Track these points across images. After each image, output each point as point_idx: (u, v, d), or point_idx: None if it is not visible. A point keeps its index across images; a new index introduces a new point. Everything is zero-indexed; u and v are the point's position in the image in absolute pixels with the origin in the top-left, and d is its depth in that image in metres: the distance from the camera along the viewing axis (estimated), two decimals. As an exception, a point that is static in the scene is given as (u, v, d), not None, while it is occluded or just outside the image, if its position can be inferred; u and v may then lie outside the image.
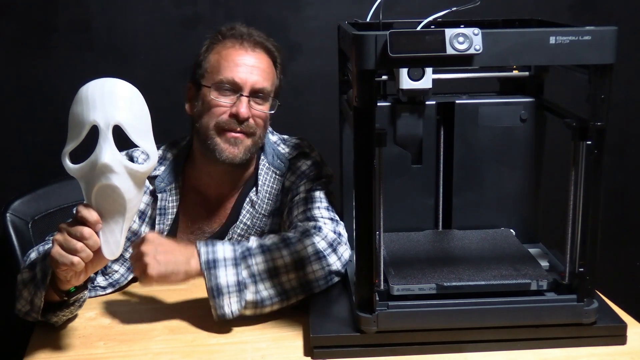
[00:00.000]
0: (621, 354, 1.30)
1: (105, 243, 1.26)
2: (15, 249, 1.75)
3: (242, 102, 1.57)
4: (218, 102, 1.57)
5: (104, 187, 1.23)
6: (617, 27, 1.19)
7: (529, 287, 1.32)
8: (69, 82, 2.28)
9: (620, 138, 2.47)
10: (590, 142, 1.25)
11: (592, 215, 1.28)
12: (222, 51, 1.60)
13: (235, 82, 1.57)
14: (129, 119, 1.23)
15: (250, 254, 1.40)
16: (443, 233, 1.59)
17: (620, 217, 2.54)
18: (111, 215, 1.26)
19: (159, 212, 1.61)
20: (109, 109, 1.21)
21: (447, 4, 1.34)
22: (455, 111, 1.54)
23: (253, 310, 1.39)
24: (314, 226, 1.49)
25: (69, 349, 1.36)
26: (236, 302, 1.36)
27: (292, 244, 1.43)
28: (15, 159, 2.28)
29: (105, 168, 1.21)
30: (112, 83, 1.25)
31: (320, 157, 1.69)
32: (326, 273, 1.44)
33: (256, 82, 1.58)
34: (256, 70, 1.59)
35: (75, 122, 1.24)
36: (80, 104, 1.23)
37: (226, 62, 1.58)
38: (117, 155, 1.22)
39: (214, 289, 1.36)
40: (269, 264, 1.40)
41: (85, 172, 1.24)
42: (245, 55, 1.59)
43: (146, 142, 1.27)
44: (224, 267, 1.38)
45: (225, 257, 1.39)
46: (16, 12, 2.18)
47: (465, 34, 1.15)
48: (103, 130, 1.21)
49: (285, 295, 1.41)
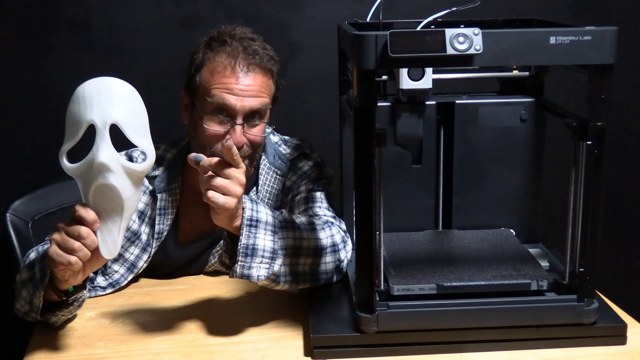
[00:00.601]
0: (621, 354, 1.30)
1: (103, 242, 1.26)
2: (15, 249, 1.75)
3: (236, 130, 1.51)
4: (212, 131, 1.52)
5: (102, 187, 1.23)
6: (618, 27, 1.19)
7: (529, 287, 1.32)
8: (68, 82, 2.26)
9: (620, 138, 2.47)
10: (590, 142, 1.25)
11: (592, 215, 1.28)
12: (214, 69, 1.53)
13: (227, 107, 1.51)
14: (126, 118, 1.23)
15: (285, 226, 1.40)
16: (443, 233, 1.59)
17: (620, 217, 2.54)
18: (109, 214, 1.26)
19: (158, 212, 1.61)
20: (105, 107, 1.21)
21: (447, 4, 1.34)
22: (455, 111, 1.54)
23: (268, 283, 1.39)
24: (325, 221, 1.50)
25: (69, 349, 1.36)
26: (266, 268, 1.35)
27: (316, 230, 1.44)
28: (15, 159, 2.28)
29: (102, 167, 1.21)
30: (109, 82, 1.24)
31: (320, 159, 1.69)
32: (335, 267, 1.46)
33: (251, 105, 1.52)
34: (250, 92, 1.52)
35: (72, 121, 1.24)
36: (77, 103, 1.23)
37: (217, 84, 1.52)
38: (114, 154, 1.22)
39: (249, 247, 1.34)
40: (296, 242, 1.40)
41: (83, 172, 1.24)
42: (238, 80, 1.51)
43: (143, 140, 1.26)
44: (264, 230, 1.36)
45: (267, 221, 1.37)
46: (16, 12, 2.18)
47: (465, 34, 1.15)
48: (100, 129, 1.21)
49: (296, 278, 1.42)
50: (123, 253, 1.57)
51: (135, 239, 1.58)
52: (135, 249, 1.59)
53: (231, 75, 1.52)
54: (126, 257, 1.58)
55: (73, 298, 1.37)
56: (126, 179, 1.24)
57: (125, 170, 1.24)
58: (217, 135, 1.53)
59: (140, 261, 1.60)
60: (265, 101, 1.55)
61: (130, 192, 1.26)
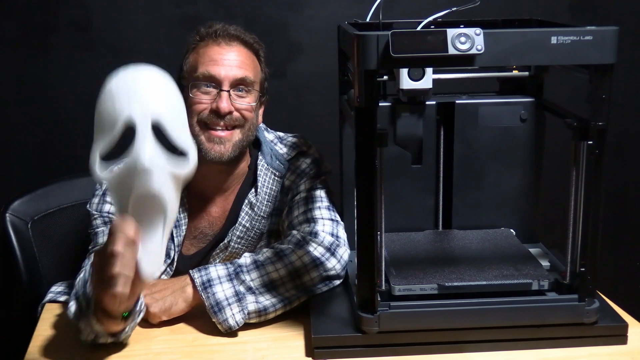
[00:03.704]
0: (622, 354, 1.30)
1: (146, 257, 1.11)
2: (15, 249, 1.75)
3: (221, 97, 1.53)
4: (198, 99, 1.55)
5: (144, 194, 1.07)
6: (618, 27, 1.19)
7: (530, 287, 1.32)
8: (69, 82, 2.28)
9: (620, 138, 2.47)
10: (591, 142, 1.25)
11: (592, 215, 1.28)
12: (199, 50, 1.58)
13: (211, 76, 1.54)
14: (168, 112, 1.08)
15: (243, 270, 1.41)
16: (443, 233, 1.59)
17: (621, 217, 2.54)
18: (149, 225, 1.11)
19: (174, 225, 1.59)
20: (145, 101, 1.06)
21: (447, 4, 1.34)
22: (455, 111, 1.54)
23: (257, 318, 1.40)
24: (310, 232, 1.49)
25: (69, 349, 1.35)
26: (238, 311, 1.36)
27: (285, 256, 1.43)
28: (15, 159, 2.28)
29: (147, 172, 1.04)
30: (147, 73, 1.10)
31: (318, 153, 1.68)
32: (325, 277, 1.44)
33: (235, 74, 1.55)
34: (234, 62, 1.56)
35: (104, 120, 1.06)
36: (111, 99, 1.06)
37: (202, 59, 1.56)
38: (160, 155, 1.06)
39: (213, 306, 1.37)
40: (264, 279, 1.41)
41: (122, 180, 1.07)
42: (221, 50, 1.56)
43: (186, 136, 1.12)
44: (220, 284, 1.38)
45: (219, 275, 1.40)
46: (16, 12, 2.18)
47: (467, 34, 1.15)
48: (141, 127, 1.04)
49: (287, 300, 1.41)
50: None
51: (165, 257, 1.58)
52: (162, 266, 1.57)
53: (215, 49, 1.57)
54: None
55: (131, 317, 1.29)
56: (170, 183, 1.09)
57: (170, 174, 1.08)
58: (204, 104, 1.55)
59: (167, 277, 1.59)
60: (250, 76, 1.57)
61: (173, 199, 1.10)
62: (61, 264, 1.79)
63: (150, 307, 1.40)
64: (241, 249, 1.62)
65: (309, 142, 1.69)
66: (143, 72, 1.10)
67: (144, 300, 1.40)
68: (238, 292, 1.38)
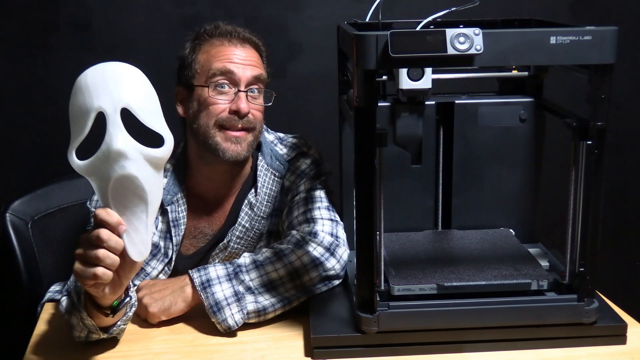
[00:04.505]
0: (621, 354, 1.30)
1: (131, 244, 1.15)
2: (15, 249, 1.75)
3: (240, 97, 1.54)
4: (216, 100, 1.55)
5: (121, 180, 1.12)
6: (618, 27, 1.19)
7: (530, 287, 1.32)
8: (69, 82, 2.27)
9: (620, 138, 2.47)
10: (590, 142, 1.25)
11: (592, 215, 1.28)
12: (211, 50, 1.58)
13: (230, 72, 1.54)
14: (138, 101, 1.13)
15: (242, 270, 1.41)
16: (443, 233, 1.59)
17: (621, 217, 2.54)
18: (132, 212, 1.15)
19: (172, 224, 1.60)
20: (114, 91, 1.11)
21: (446, 4, 1.34)
22: (454, 111, 1.54)
23: (257, 319, 1.40)
24: (309, 232, 1.49)
25: (69, 349, 1.35)
26: (237, 311, 1.37)
27: (285, 256, 1.44)
28: (15, 159, 2.28)
29: (120, 155, 1.10)
30: (113, 65, 1.15)
31: (318, 154, 1.68)
32: (325, 277, 1.44)
33: (251, 74, 1.56)
34: (248, 62, 1.57)
35: (77, 113, 1.12)
36: (81, 92, 1.12)
37: (218, 58, 1.56)
38: (130, 140, 1.11)
39: (212, 306, 1.37)
40: (263, 279, 1.41)
41: (97, 167, 1.12)
42: (236, 50, 1.57)
43: (159, 123, 1.16)
44: (219, 284, 1.39)
45: (218, 275, 1.40)
46: (16, 12, 2.18)
47: (466, 34, 1.15)
48: (111, 116, 1.10)
49: (286, 300, 1.41)
50: (145, 267, 1.55)
51: (156, 251, 1.58)
52: (158, 264, 1.57)
53: (229, 48, 1.57)
54: (148, 271, 1.56)
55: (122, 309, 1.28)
56: (147, 167, 1.13)
57: (145, 157, 1.13)
58: (223, 104, 1.55)
59: (164, 276, 1.59)
60: (263, 75, 1.60)
61: (152, 183, 1.14)
62: (61, 264, 1.79)
63: (150, 307, 1.40)
64: (240, 249, 1.62)
65: (309, 142, 1.70)
66: (111, 65, 1.15)
67: (144, 301, 1.40)
68: (237, 292, 1.38)
